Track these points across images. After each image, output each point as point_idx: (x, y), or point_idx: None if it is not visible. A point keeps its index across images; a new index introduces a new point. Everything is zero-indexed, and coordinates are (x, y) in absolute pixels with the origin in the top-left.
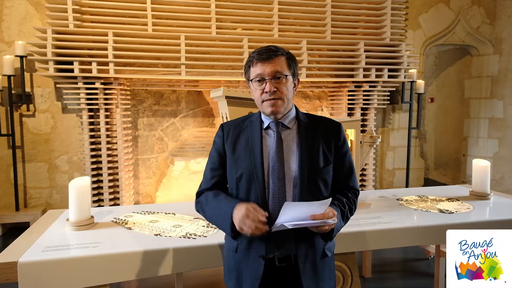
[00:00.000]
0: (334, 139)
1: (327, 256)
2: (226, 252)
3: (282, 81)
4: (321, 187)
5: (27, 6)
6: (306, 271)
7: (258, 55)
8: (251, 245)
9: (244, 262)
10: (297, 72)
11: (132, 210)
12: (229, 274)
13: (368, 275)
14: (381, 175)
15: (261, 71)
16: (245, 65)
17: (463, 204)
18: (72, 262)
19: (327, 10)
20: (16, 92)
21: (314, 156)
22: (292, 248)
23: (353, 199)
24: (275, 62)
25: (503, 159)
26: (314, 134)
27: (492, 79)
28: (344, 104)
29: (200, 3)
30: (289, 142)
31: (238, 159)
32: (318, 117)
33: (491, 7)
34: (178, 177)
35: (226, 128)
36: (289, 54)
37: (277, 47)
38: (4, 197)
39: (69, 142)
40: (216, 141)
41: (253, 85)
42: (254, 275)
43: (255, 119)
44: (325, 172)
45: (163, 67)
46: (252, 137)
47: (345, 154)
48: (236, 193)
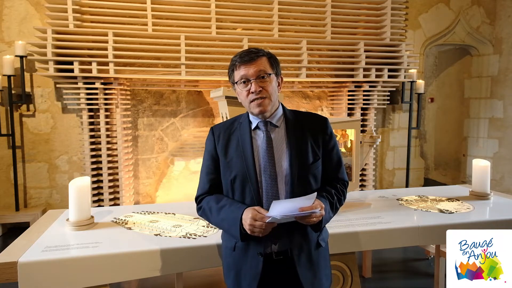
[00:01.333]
0: (321, 134)
1: (321, 246)
2: (224, 250)
3: (267, 80)
4: (311, 182)
5: (27, 6)
6: (301, 262)
7: (240, 58)
8: (248, 243)
9: (243, 259)
10: (280, 71)
11: (132, 210)
12: (228, 272)
13: (368, 275)
14: (381, 175)
15: (244, 72)
16: (228, 69)
17: (463, 204)
18: (72, 262)
19: (327, 10)
20: (16, 92)
21: (303, 152)
22: (287, 242)
23: (342, 190)
24: (257, 63)
25: (503, 159)
26: (302, 131)
27: (492, 79)
28: (344, 104)
29: (200, 3)
30: (278, 140)
31: (230, 162)
32: (305, 113)
33: (491, 7)
34: (178, 177)
35: (216, 131)
36: (270, 55)
37: (258, 49)
38: (4, 197)
39: (69, 142)
40: (208, 144)
41: (238, 87)
42: (253, 272)
43: (243, 120)
44: (314, 168)
45: (163, 67)
46: (242, 138)
47: (332, 147)
48: (231, 194)
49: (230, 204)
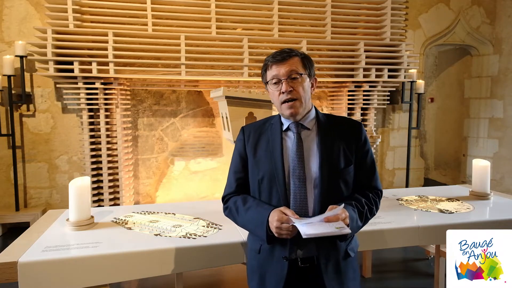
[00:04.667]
0: (355, 139)
1: (350, 256)
2: (249, 252)
3: (298, 81)
4: (342, 188)
5: (27, 6)
6: (328, 271)
7: (272, 58)
8: (274, 246)
9: (268, 263)
10: (313, 73)
11: (132, 210)
12: (252, 275)
13: (368, 275)
14: (381, 175)
15: (276, 72)
16: (261, 69)
17: (463, 204)
18: (72, 262)
19: (327, 10)
20: (16, 92)
21: (334, 156)
22: (314, 249)
23: (374, 199)
24: (289, 63)
25: (503, 159)
26: (334, 135)
27: (492, 79)
28: (344, 104)
29: (200, 3)
30: (309, 143)
31: (259, 162)
32: (338, 117)
33: (491, 7)
34: (178, 177)
35: (247, 131)
36: (303, 55)
37: (292, 49)
38: (4, 197)
39: (69, 142)
40: (238, 144)
41: (270, 87)
42: (278, 275)
43: (275, 122)
44: (346, 173)
45: (163, 67)
46: (272, 139)
47: (366, 153)
48: (258, 195)
49: (257, 205)
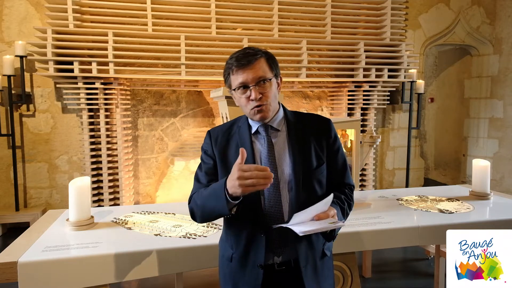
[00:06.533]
0: (325, 137)
1: (326, 256)
2: (220, 259)
3: (267, 85)
4: (316, 188)
5: (27, 6)
6: (307, 273)
7: (236, 61)
8: (247, 254)
9: (241, 271)
10: (279, 71)
11: (132, 210)
12: (225, 284)
13: (368, 275)
14: (381, 175)
15: (243, 79)
16: (223, 72)
17: (463, 204)
18: (72, 262)
19: (327, 10)
20: (16, 92)
21: (306, 157)
22: (292, 253)
23: (350, 195)
24: (256, 67)
25: (503, 159)
26: (304, 134)
27: (492, 79)
28: (344, 104)
29: (200, 3)
30: (280, 145)
31: (229, 167)
32: (307, 114)
33: (491, 7)
34: (178, 177)
35: (213, 134)
36: (268, 55)
37: (255, 48)
38: (4, 197)
39: (69, 142)
40: (205, 148)
41: (236, 93)
42: (252, 285)
43: (242, 124)
44: (319, 173)
45: (163, 67)
46: (241, 143)
47: (337, 150)
48: None
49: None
